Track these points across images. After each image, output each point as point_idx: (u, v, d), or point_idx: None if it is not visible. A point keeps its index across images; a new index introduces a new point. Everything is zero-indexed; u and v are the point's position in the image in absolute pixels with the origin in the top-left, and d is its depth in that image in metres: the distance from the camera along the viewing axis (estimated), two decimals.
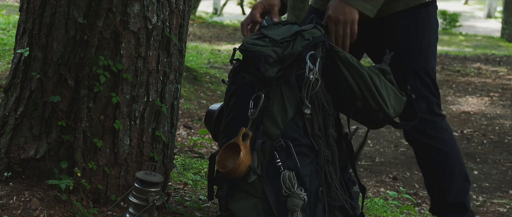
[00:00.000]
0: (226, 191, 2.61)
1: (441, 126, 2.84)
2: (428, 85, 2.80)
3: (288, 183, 2.49)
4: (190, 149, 4.83)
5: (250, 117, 2.55)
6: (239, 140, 2.52)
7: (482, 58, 12.25)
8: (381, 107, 2.60)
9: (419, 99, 2.78)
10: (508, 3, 17.16)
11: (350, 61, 2.58)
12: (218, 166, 2.57)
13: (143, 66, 2.76)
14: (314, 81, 2.53)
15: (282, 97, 2.55)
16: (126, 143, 2.78)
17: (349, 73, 2.58)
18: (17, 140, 2.74)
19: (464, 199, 2.89)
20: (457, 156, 2.87)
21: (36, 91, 2.73)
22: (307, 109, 2.54)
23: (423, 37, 2.77)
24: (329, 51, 2.59)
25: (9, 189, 2.67)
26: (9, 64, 5.41)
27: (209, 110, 2.81)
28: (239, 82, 2.63)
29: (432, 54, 2.81)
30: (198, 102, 7.13)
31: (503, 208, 4.87)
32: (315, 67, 2.54)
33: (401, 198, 4.90)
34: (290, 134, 2.53)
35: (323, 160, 2.56)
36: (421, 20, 2.77)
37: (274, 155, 2.52)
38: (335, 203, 2.58)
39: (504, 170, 5.90)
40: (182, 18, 2.85)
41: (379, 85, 2.60)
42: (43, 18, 2.70)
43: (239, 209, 2.55)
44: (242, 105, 2.59)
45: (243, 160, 2.49)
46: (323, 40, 2.57)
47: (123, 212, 2.73)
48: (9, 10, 11.38)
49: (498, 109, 8.31)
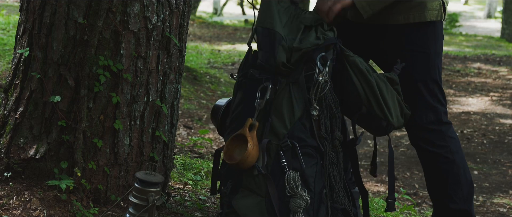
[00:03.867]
0: (229, 188, 2.61)
1: (447, 134, 2.84)
2: (436, 95, 2.80)
3: (292, 184, 2.49)
4: (190, 149, 4.83)
5: (257, 107, 2.56)
6: (246, 131, 2.53)
7: (482, 58, 12.24)
8: (385, 115, 2.61)
9: (427, 110, 2.78)
10: (508, 3, 17.15)
11: (359, 66, 2.58)
12: (225, 157, 2.57)
13: (143, 66, 2.76)
14: (323, 83, 2.53)
15: (290, 97, 2.55)
16: (126, 143, 2.78)
17: (357, 78, 2.59)
18: (17, 140, 2.74)
19: (468, 206, 2.88)
20: (463, 164, 2.87)
21: (36, 91, 2.72)
22: (314, 110, 2.54)
23: (432, 47, 2.77)
24: (340, 54, 2.59)
25: (9, 189, 2.67)
26: (9, 64, 5.41)
27: (215, 104, 2.82)
28: (248, 78, 2.64)
29: (439, 62, 2.81)
30: (198, 102, 7.13)
31: (503, 208, 4.87)
32: (324, 69, 2.54)
33: (401, 198, 4.90)
34: (297, 134, 2.54)
35: (328, 162, 2.56)
36: (431, 32, 2.76)
37: (280, 154, 2.52)
38: (338, 206, 2.58)
39: (504, 170, 5.90)
40: (182, 18, 2.85)
41: (385, 93, 2.61)
42: (43, 18, 2.70)
43: (241, 207, 2.55)
44: (250, 101, 2.60)
45: (251, 151, 2.49)
46: (335, 43, 2.58)
47: (123, 212, 2.73)
48: (9, 10, 11.38)
49: (498, 108, 8.31)
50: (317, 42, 2.56)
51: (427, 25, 2.75)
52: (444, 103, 2.84)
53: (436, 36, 2.78)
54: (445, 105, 2.85)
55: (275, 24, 2.60)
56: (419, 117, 2.78)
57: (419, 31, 2.74)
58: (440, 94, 2.82)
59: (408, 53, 2.75)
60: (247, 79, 2.65)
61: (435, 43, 2.78)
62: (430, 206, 4.91)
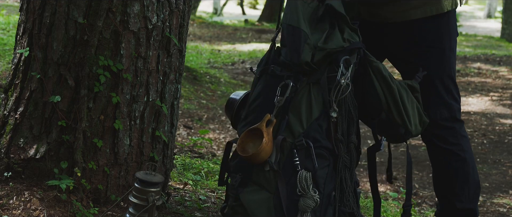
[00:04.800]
0: (239, 181, 2.61)
1: (460, 132, 2.84)
2: (451, 91, 2.80)
3: (304, 183, 2.50)
4: (190, 149, 4.83)
5: (276, 104, 2.56)
6: (262, 126, 2.53)
7: (482, 58, 12.24)
8: (404, 122, 2.62)
9: (441, 107, 2.78)
10: (508, 3, 17.14)
11: (382, 72, 2.59)
12: (238, 149, 2.58)
13: (143, 66, 2.76)
14: (344, 86, 2.54)
15: (309, 96, 2.56)
16: (126, 143, 2.78)
17: (379, 84, 2.59)
18: (17, 140, 2.74)
19: (474, 205, 2.89)
20: (473, 163, 2.87)
21: (36, 91, 2.72)
22: (334, 112, 2.55)
23: (446, 43, 2.77)
24: (363, 59, 2.60)
25: (9, 189, 2.67)
26: (9, 64, 5.41)
27: (231, 97, 2.82)
28: (268, 73, 2.64)
29: (454, 58, 2.81)
30: (198, 102, 7.13)
31: (503, 208, 4.87)
32: (347, 73, 2.54)
33: (401, 198, 4.90)
34: (312, 134, 2.54)
35: (342, 165, 2.57)
36: (443, 26, 2.76)
37: (293, 153, 2.52)
38: (346, 210, 2.58)
39: (504, 170, 5.89)
40: (182, 18, 2.85)
41: (406, 101, 2.62)
42: (43, 18, 2.70)
43: (249, 201, 2.55)
44: (268, 96, 2.60)
45: (265, 147, 2.50)
46: (359, 47, 2.58)
47: (123, 212, 2.73)
48: (9, 10, 11.38)
49: (498, 108, 8.30)
50: (342, 45, 2.56)
51: (441, 17, 2.75)
52: (458, 100, 2.84)
53: (450, 30, 2.78)
54: (459, 102, 2.85)
55: (300, 22, 2.60)
56: (434, 113, 2.78)
57: (433, 26, 2.74)
58: (455, 91, 2.82)
59: (423, 49, 2.75)
60: (268, 75, 2.65)
61: (450, 38, 2.78)
62: (430, 206, 4.91)
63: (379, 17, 2.77)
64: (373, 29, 2.80)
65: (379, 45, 2.81)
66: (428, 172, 5.55)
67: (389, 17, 2.74)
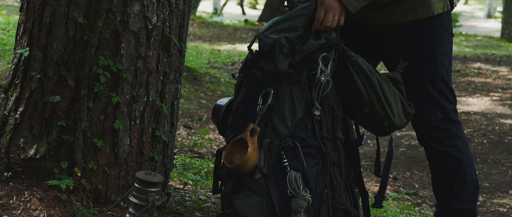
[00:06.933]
0: (231, 188, 2.61)
1: (456, 133, 2.84)
2: (444, 93, 2.79)
3: (294, 184, 2.50)
4: (190, 149, 4.83)
5: (259, 112, 2.56)
6: (247, 136, 2.53)
7: (482, 58, 12.25)
8: (388, 115, 2.61)
9: (435, 108, 2.78)
10: (508, 3, 17.15)
11: (361, 66, 2.59)
12: (225, 161, 2.58)
13: (143, 66, 2.76)
14: (325, 83, 2.53)
15: (292, 97, 2.55)
16: (126, 143, 2.78)
17: (359, 78, 2.59)
18: (17, 140, 2.74)
19: (473, 206, 2.89)
20: (470, 164, 2.87)
21: (36, 91, 2.72)
22: (316, 110, 2.55)
23: (438, 46, 2.77)
24: (342, 54, 2.59)
25: (9, 189, 2.67)
26: (9, 64, 5.41)
27: (216, 104, 2.82)
28: (250, 78, 2.64)
29: (448, 60, 2.80)
30: (198, 102, 7.14)
31: (503, 208, 4.87)
32: (326, 69, 2.54)
33: (401, 198, 4.90)
34: (298, 134, 2.54)
35: (330, 162, 2.57)
36: (435, 29, 2.76)
37: (281, 154, 2.52)
38: (339, 206, 2.58)
39: (504, 170, 5.90)
40: (182, 18, 2.85)
41: (387, 93, 2.61)
42: (43, 18, 2.70)
43: (243, 207, 2.55)
44: (252, 101, 2.60)
45: (251, 156, 2.50)
46: (337, 43, 2.58)
47: (123, 212, 2.73)
48: (9, 10, 11.38)
49: (498, 108, 8.30)
50: (319, 42, 2.56)
51: (433, 20, 2.74)
52: (453, 101, 2.83)
53: (442, 33, 2.77)
54: (455, 104, 2.84)
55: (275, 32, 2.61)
56: (427, 115, 2.78)
57: (424, 29, 2.74)
58: (449, 92, 2.81)
59: (414, 52, 2.75)
60: (249, 79, 2.65)
61: (442, 41, 2.77)
62: (430, 206, 4.92)
63: (376, 20, 2.77)
64: (365, 32, 2.81)
65: (370, 48, 2.81)
66: (428, 172, 5.55)
67: (383, 20, 2.74)
